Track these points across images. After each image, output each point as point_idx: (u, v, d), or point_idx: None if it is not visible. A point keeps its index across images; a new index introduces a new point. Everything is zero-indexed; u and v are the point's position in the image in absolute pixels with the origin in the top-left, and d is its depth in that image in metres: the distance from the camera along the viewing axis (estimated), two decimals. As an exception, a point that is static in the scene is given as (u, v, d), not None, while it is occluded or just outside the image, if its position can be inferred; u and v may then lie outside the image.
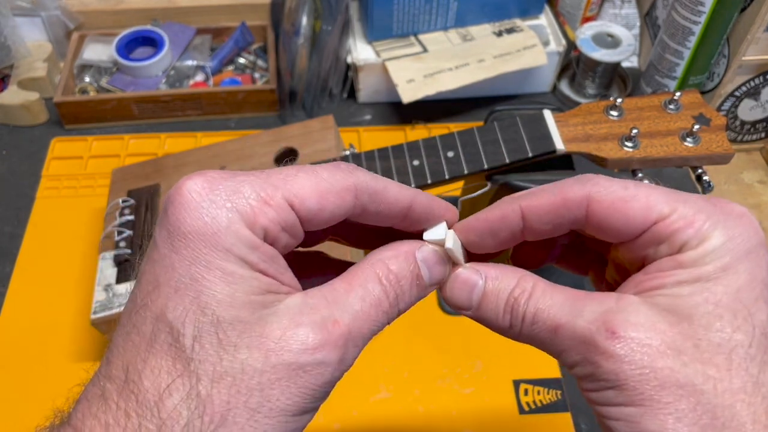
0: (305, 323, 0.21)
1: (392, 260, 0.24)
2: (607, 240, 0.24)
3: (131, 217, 0.55)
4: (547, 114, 0.53)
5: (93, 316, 0.49)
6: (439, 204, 0.26)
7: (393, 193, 0.24)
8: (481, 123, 0.55)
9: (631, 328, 0.21)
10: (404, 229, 0.26)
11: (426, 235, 0.26)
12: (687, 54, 0.69)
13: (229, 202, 0.21)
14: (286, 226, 0.22)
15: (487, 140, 0.52)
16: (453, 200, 0.59)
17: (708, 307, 0.21)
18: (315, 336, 0.21)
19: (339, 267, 0.26)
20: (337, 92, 0.76)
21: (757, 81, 0.70)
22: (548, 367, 0.56)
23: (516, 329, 0.24)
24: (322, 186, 0.22)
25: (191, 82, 0.75)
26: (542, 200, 0.24)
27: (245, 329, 0.20)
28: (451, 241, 0.26)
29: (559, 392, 0.54)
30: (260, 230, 0.21)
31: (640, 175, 0.51)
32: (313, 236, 0.26)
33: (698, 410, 0.20)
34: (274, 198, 0.21)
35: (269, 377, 0.20)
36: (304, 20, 0.70)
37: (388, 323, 0.24)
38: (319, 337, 0.21)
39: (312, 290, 0.22)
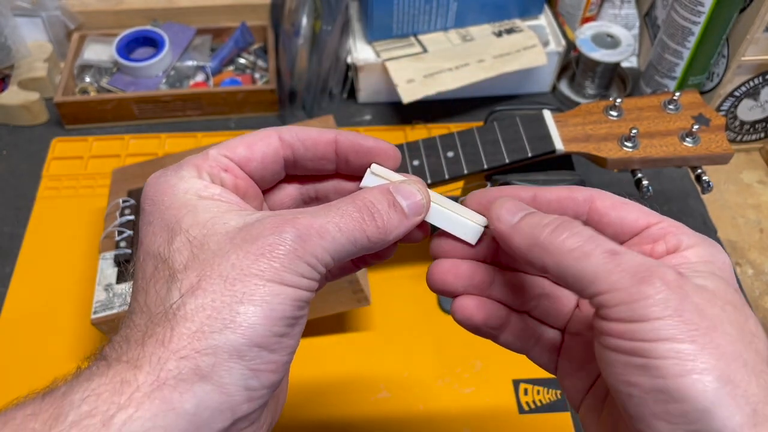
0: (262, 217, 0.24)
1: (366, 193, 0.26)
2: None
3: (131, 217, 0.55)
4: (547, 114, 0.53)
5: (93, 316, 0.49)
6: (366, 140, 0.28)
7: (314, 132, 0.28)
8: (481, 123, 0.56)
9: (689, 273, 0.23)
10: (352, 173, 0.29)
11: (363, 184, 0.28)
12: (686, 54, 0.69)
13: (177, 170, 0.26)
14: (226, 167, 0.26)
15: (487, 140, 0.52)
16: (453, 200, 0.59)
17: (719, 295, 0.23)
18: (272, 221, 0.23)
19: None
20: (337, 92, 0.76)
21: (756, 81, 0.71)
22: (548, 366, 0.56)
23: (560, 237, 0.23)
24: (247, 139, 0.27)
25: (191, 82, 0.75)
26: (553, 192, 0.27)
27: (210, 230, 0.23)
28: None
29: (558, 392, 0.54)
30: (206, 175, 0.26)
31: (639, 175, 0.51)
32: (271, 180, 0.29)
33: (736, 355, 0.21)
34: (209, 154, 0.26)
35: (236, 252, 0.22)
36: (304, 20, 0.70)
37: (370, 241, 0.25)
38: (277, 222, 0.23)
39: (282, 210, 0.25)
